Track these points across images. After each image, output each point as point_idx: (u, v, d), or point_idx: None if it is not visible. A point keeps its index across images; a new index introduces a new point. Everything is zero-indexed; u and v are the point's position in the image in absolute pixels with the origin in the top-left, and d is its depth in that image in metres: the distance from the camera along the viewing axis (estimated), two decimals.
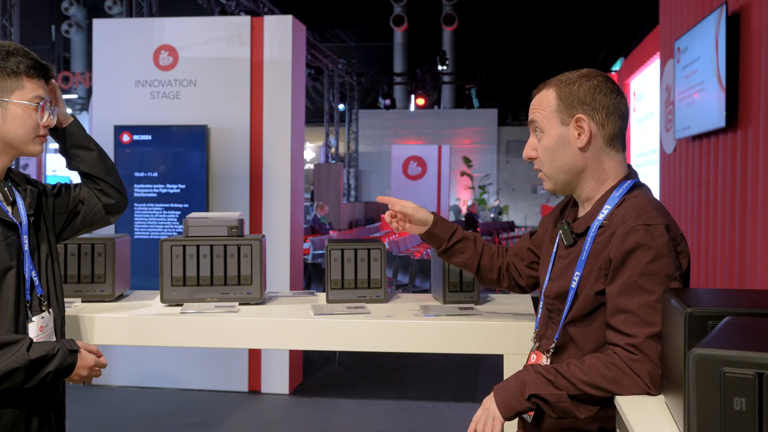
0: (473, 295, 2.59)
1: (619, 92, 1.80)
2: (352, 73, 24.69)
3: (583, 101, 1.76)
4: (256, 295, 2.60)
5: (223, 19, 6.31)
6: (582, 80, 1.78)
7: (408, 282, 8.47)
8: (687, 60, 5.16)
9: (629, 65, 9.95)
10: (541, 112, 1.81)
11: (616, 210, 1.73)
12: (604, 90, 1.77)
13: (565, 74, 1.82)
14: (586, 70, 1.82)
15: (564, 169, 1.80)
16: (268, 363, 5.69)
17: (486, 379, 6.02)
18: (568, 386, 1.63)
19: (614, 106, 1.77)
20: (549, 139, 1.80)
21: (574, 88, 1.77)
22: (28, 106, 1.90)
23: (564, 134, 1.78)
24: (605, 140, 1.78)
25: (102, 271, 2.65)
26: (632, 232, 1.64)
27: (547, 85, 1.83)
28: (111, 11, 18.81)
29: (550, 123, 1.80)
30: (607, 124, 1.77)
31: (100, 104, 5.88)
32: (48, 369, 1.81)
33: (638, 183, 1.81)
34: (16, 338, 1.81)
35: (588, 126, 1.76)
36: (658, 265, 1.62)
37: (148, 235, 5.70)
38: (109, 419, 5.15)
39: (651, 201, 1.75)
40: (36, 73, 1.93)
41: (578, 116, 1.76)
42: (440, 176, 22.71)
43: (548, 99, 1.81)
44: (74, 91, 21.34)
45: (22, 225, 1.93)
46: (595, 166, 1.79)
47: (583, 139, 1.77)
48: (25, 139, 1.92)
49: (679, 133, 5.42)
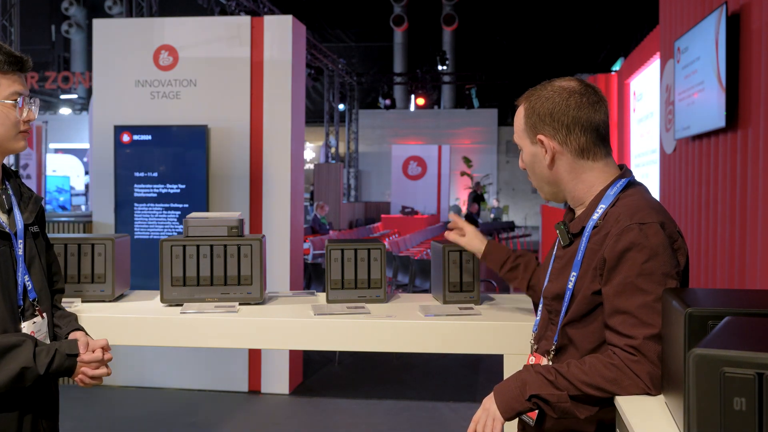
0: (473, 295, 2.59)
1: (589, 102, 1.77)
2: (352, 73, 24.69)
3: (543, 120, 1.79)
4: (256, 295, 2.60)
5: (223, 19, 6.32)
6: (543, 98, 1.79)
7: (408, 282, 8.47)
8: (687, 60, 5.16)
9: (629, 65, 9.94)
10: (517, 132, 1.88)
11: (611, 209, 1.73)
12: (570, 103, 1.76)
13: (535, 89, 1.84)
14: (555, 84, 1.81)
15: (545, 181, 1.86)
16: (268, 363, 5.69)
17: (486, 379, 6.02)
18: (569, 386, 1.63)
19: (576, 120, 1.76)
20: (526, 155, 1.87)
21: (537, 105, 1.80)
22: (5, 104, 1.86)
23: (535, 152, 1.83)
24: (574, 154, 1.79)
25: (102, 271, 2.65)
26: (626, 231, 1.64)
27: (522, 100, 1.87)
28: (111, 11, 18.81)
29: (523, 142, 1.86)
30: (570, 141, 1.77)
31: (101, 104, 5.88)
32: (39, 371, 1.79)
33: (633, 181, 1.80)
34: (21, 339, 1.80)
35: (549, 144, 1.79)
36: (653, 264, 1.62)
37: (148, 235, 5.69)
38: (109, 419, 5.15)
39: (646, 199, 1.74)
40: (11, 67, 1.86)
41: (539, 137, 1.80)
42: (440, 176, 22.72)
43: (519, 117, 1.86)
44: (74, 91, 21.35)
45: (17, 233, 1.89)
46: (572, 177, 1.81)
47: (547, 158, 1.80)
48: (7, 137, 1.88)
49: (679, 133, 5.42)
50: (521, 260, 2.22)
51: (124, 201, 5.72)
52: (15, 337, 1.81)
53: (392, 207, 22.22)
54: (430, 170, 22.85)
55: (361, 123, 26.82)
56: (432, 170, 22.78)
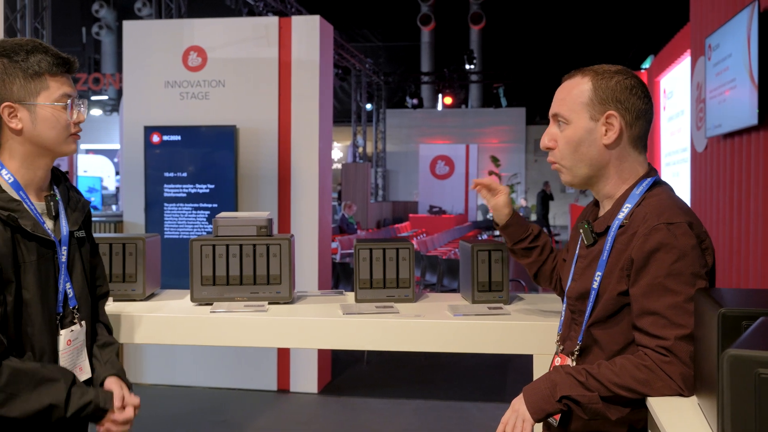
0: (502, 294, 2.58)
1: (649, 98, 1.79)
2: (380, 73, 24.70)
3: (617, 99, 1.74)
4: (285, 295, 2.61)
5: (251, 19, 6.36)
6: (620, 77, 1.76)
7: (436, 282, 8.46)
8: (718, 57, 5.09)
9: (659, 63, 9.84)
10: (568, 105, 1.78)
11: (637, 209, 1.71)
12: (638, 92, 1.75)
13: (602, 66, 1.79)
14: (623, 68, 1.79)
15: (586, 162, 1.78)
16: (297, 362, 5.72)
17: (515, 380, 5.99)
18: (600, 387, 1.61)
19: (643, 110, 1.76)
20: (574, 131, 1.77)
21: (611, 83, 1.75)
22: (55, 107, 1.83)
23: (591, 129, 1.76)
24: (630, 140, 1.76)
25: (133, 271, 2.67)
26: (654, 231, 1.62)
27: (583, 73, 1.79)
28: (140, 13, 19.01)
29: (577, 116, 1.77)
30: (634, 126, 1.75)
31: (131, 105, 5.95)
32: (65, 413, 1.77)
33: (658, 181, 1.79)
34: (58, 376, 1.78)
35: (618, 123, 1.74)
36: (682, 264, 1.60)
37: (177, 235, 5.75)
38: (140, 417, 5.17)
39: (672, 198, 1.72)
40: (59, 69, 1.84)
41: (610, 113, 1.74)
42: (468, 175, 22.63)
43: (581, 89, 1.77)
44: (105, 92, 21.60)
45: (61, 240, 1.88)
46: (617, 164, 1.77)
47: (611, 136, 1.74)
48: (58, 140, 1.85)
49: (710, 131, 5.35)
50: (538, 242, 2.20)
51: (154, 201, 5.78)
52: (56, 371, 1.78)
53: (420, 206, 22.20)
54: (457, 170, 22.79)
55: (388, 122, 26.82)
56: (459, 170, 22.71)
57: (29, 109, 1.81)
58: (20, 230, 1.77)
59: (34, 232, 1.79)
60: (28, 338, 1.80)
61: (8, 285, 1.75)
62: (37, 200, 1.88)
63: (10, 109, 1.80)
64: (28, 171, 1.85)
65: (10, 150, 1.84)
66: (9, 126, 1.81)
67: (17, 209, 1.77)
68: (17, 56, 1.79)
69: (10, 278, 1.75)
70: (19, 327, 1.78)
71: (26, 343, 1.80)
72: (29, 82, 1.80)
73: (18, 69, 1.79)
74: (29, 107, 1.81)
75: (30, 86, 1.80)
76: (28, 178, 1.86)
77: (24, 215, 1.78)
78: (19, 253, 1.77)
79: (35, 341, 1.81)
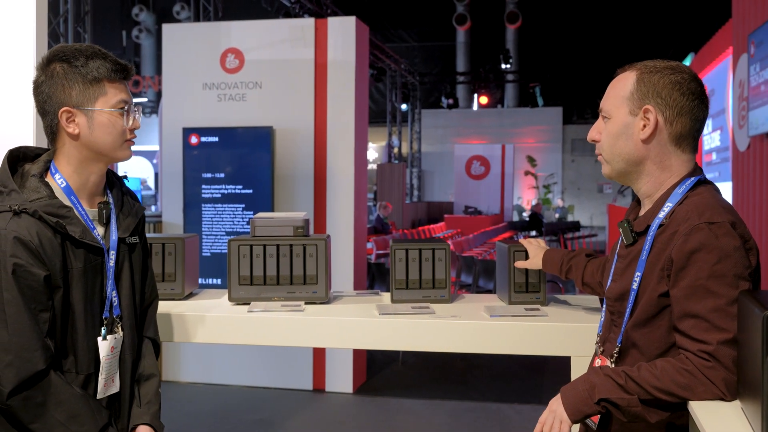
0: (539, 295, 2.55)
1: (699, 96, 1.72)
2: (415, 73, 24.68)
3: (658, 93, 1.70)
4: (322, 295, 2.62)
5: (287, 21, 6.40)
6: (666, 72, 1.72)
7: (471, 282, 8.43)
8: (762, 54, 4.99)
9: (700, 61, 9.69)
10: (613, 98, 1.77)
11: (678, 207, 1.67)
12: (684, 89, 1.70)
13: (653, 61, 1.76)
14: (676, 64, 1.75)
15: (622, 157, 1.76)
16: (333, 362, 5.73)
17: (552, 381, 5.94)
18: (639, 391, 1.59)
19: (688, 108, 1.70)
20: (614, 125, 1.76)
21: (654, 78, 1.71)
22: (112, 113, 1.84)
23: (629, 123, 1.73)
24: (671, 137, 1.72)
25: (172, 270, 2.70)
26: (695, 231, 1.59)
27: (632, 67, 1.77)
28: (179, 16, 19.23)
29: (618, 111, 1.75)
30: (676, 123, 1.71)
31: (170, 107, 6.02)
32: None
33: (703, 180, 1.74)
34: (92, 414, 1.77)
35: (655, 118, 1.70)
36: (724, 265, 1.56)
37: (215, 235, 5.80)
38: (177, 414, 5.26)
39: (715, 198, 1.68)
40: (117, 75, 1.85)
41: (647, 107, 1.71)
42: (503, 176, 22.48)
43: (625, 84, 1.75)
44: (144, 94, 21.93)
45: (110, 246, 1.88)
46: (657, 161, 1.73)
47: (647, 131, 1.71)
48: (114, 146, 1.86)
49: (753, 130, 5.25)
50: (573, 261, 2.28)
51: (192, 201, 5.85)
52: (93, 411, 1.77)
53: (455, 207, 22.11)
54: (493, 170, 22.64)
55: (423, 123, 26.79)
56: (495, 170, 22.55)
57: (87, 115, 1.82)
58: (69, 237, 1.79)
59: (82, 239, 1.80)
60: (73, 343, 1.82)
61: (56, 291, 1.76)
62: (89, 206, 1.89)
63: (68, 113, 1.81)
64: (80, 176, 1.86)
65: (67, 155, 1.85)
66: (66, 131, 1.82)
67: (67, 215, 1.78)
68: (77, 62, 1.81)
69: (59, 284, 1.76)
70: (65, 332, 1.80)
71: (69, 347, 1.81)
72: (88, 87, 1.80)
73: (77, 74, 1.80)
74: (87, 112, 1.82)
75: (88, 92, 1.81)
76: (81, 183, 1.87)
77: (73, 221, 1.79)
78: (68, 260, 1.79)
79: (78, 346, 1.82)
